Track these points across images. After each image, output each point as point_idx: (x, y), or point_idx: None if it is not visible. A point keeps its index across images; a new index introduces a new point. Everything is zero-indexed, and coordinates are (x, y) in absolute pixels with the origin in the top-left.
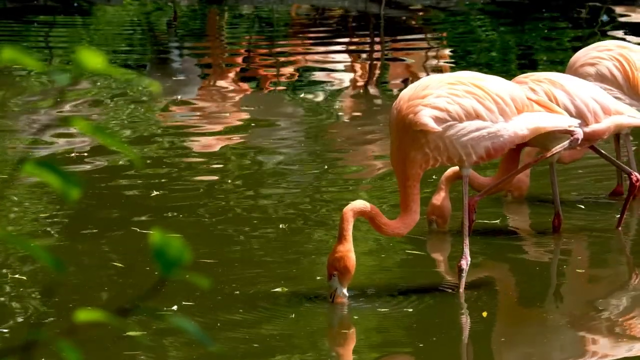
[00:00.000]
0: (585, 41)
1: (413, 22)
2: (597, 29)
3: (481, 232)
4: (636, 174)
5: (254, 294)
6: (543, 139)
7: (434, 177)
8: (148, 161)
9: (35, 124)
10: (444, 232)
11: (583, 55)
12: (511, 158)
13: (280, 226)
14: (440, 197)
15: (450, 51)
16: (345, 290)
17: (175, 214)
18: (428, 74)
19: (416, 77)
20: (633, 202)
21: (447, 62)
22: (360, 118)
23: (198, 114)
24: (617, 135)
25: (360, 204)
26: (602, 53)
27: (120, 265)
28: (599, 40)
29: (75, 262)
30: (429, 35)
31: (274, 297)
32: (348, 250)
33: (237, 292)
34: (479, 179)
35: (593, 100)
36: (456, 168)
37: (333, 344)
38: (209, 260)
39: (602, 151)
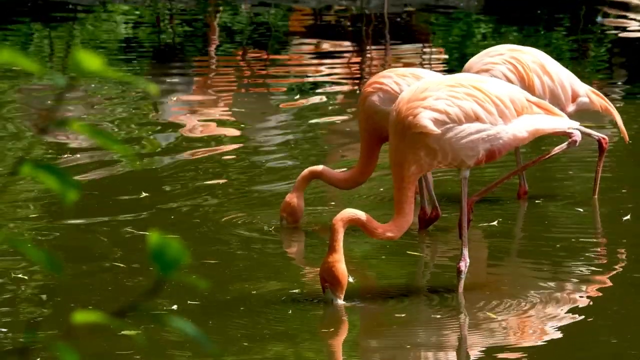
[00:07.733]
0: (582, 41)
1: (412, 24)
2: (598, 30)
3: (479, 233)
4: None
5: (253, 293)
6: None
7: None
8: (137, 163)
9: (32, 125)
10: (441, 232)
11: (477, 61)
12: (372, 153)
13: (270, 229)
14: (293, 196)
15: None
16: (340, 301)
17: (172, 214)
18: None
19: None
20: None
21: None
22: (356, 119)
23: (192, 114)
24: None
25: (349, 212)
26: (495, 58)
27: (118, 265)
28: (599, 40)
29: (72, 263)
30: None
31: (273, 296)
32: (337, 261)
33: (236, 291)
34: (335, 174)
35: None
36: (313, 168)
37: (333, 344)
38: (211, 261)
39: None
